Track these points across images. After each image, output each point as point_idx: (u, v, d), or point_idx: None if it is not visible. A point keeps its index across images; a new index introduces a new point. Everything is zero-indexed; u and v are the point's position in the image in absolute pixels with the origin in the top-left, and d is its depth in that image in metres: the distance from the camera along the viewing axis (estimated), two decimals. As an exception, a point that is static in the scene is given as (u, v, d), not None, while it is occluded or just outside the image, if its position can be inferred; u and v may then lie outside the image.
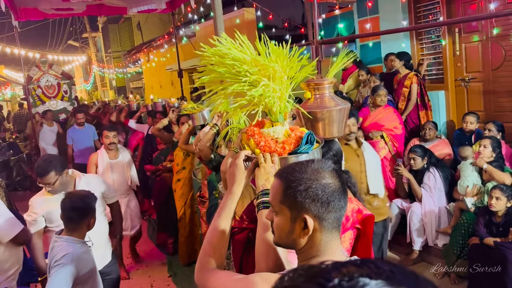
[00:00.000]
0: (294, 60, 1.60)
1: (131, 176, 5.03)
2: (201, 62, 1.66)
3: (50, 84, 12.03)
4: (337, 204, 1.19)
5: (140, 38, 20.41)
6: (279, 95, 1.57)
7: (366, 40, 6.70)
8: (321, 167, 1.22)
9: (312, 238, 1.21)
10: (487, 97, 5.45)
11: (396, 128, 5.08)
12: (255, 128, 1.61)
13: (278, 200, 1.24)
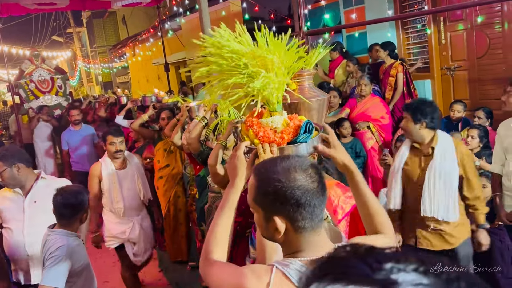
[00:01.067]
0: (292, 51, 1.60)
1: (142, 189, 4.13)
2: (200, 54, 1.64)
3: (43, 78, 11.41)
4: (311, 203, 1.15)
5: (126, 32, 20.22)
6: (277, 86, 1.56)
7: (352, 31, 6.71)
8: (292, 166, 1.18)
9: (288, 237, 1.19)
10: (472, 85, 5.50)
11: (383, 118, 5.10)
12: (254, 119, 1.60)
13: (252, 198, 1.22)
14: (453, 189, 2.96)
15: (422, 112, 2.94)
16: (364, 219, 1.49)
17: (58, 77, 11.55)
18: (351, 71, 6.09)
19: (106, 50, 22.23)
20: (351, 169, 1.45)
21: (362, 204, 1.46)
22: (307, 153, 1.52)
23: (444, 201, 2.99)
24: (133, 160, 4.18)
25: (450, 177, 2.95)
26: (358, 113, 5.14)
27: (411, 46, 6.29)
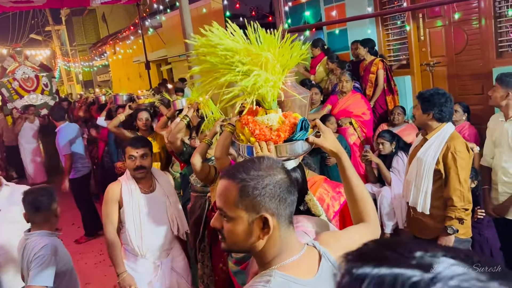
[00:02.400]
0: (286, 47, 1.58)
1: (177, 220, 3.10)
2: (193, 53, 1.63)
3: (27, 76, 10.67)
4: (292, 198, 1.18)
5: (106, 30, 19.96)
6: (272, 84, 1.54)
7: (332, 28, 6.73)
8: (273, 163, 1.19)
9: (271, 238, 1.17)
10: (451, 81, 5.57)
11: (364, 114, 5.14)
12: (249, 117, 1.59)
13: (232, 204, 1.16)
14: (425, 181, 3.01)
15: (431, 103, 2.96)
16: (351, 205, 1.51)
17: (43, 75, 10.91)
18: (331, 68, 6.12)
19: (86, 48, 21.93)
20: (339, 155, 1.48)
21: (349, 189, 1.49)
22: (302, 151, 1.53)
23: (413, 189, 3.08)
24: (163, 179, 3.15)
25: (424, 168, 3.00)
26: (340, 109, 5.17)
27: (391, 43, 6.34)
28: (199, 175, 2.93)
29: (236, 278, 1.88)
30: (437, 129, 3.01)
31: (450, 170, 2.91)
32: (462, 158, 2.89)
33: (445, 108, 2.95)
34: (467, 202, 2.91)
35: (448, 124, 3.01)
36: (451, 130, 3.00)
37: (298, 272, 1.17)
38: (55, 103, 10.03)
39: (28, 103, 10.02)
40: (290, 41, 1.59)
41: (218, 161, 2.42)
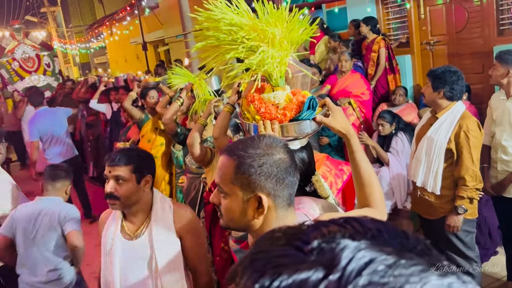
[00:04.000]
0: (294, 23, 1.52)
1: None
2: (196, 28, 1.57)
3: (27, 56, 9.80)
4: (291, 179, 1.15)
5: (102, 11, 19.67)
6: (279, 60, 1.49)
7: (332, 6, 6.64)
8: (273, 142, 1.16)
9: (267, 218, 1.16)
10: (452, 60, 5.51)
11: (364, 94, 5.10)
12: (255, 94, 1.54)
13: (228, 180, 1.16)
14: (436, 161, 2.97)
15: (442, 81, 2.90)
16: (357, 189, 1.47)
17: (44, 54, 10.07)
18: (333, 47, 6.05)
19: (83, 30, 21.67)
20: (348, 136, 1.43)
21: (357, 173, 1.45)
22: (311, 130, 1.47)
23: (423, 169, 3.04)
24: (165, 220, 2.01)
25: (434, 147, 2.96)
26: (338, 89, 5.13)
27: (391, 21, 6.26)
28: (195, 157, 2.91)
29: (237, 256, 1.89)
30: (448, 107, 2.96)
31: (463, 149, 2.87)
32: (475, 136, 2.86)
33: (456, 86, 2.90)
34: (479, 181, 2.90)
35: (458, 103, 2.97)
36: (462, 109, 2.96)
37: None
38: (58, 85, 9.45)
39: (30, 85, 9.21)
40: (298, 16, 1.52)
41: (216, 141, 2.40)
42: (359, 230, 0.46)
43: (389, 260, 0.41)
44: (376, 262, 0.41)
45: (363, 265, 0.41)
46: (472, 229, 3.06)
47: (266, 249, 0.47)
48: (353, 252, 0.42)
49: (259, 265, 0.45)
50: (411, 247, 0.44)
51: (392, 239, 0.45)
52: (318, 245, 0.44)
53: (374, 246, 0.43)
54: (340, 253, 0.42)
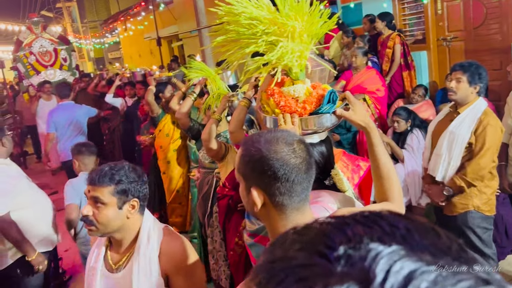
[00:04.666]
0: (314, 16, 1.51)
1: None
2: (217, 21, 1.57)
3: (45, 50, 9.30)
4: (290, 178, 1.10)
5: (117, 6, 19.78)
6: (298, 54, 1.48)
7: (347, 1, 6.58)
8: (276, 137, 1.13)
9: (268, 213, 1.15)
10: (469, 56, 5.44)
11: (379, 90, 5.06)
12: (275, 87, 1.53)
13: (236, 167, 1.19)
14: (456, 155, 2.96)
15: (480, 77, 2.90)
16: (375, 182, 1.46)
17: (62, 48, 9.60)
18: (346, 43, 6.01)
19: (97, 25, 21.82)
20: (368, 130, 1.42)
21: (376, 167, 1.44)
22: (331, 124, 1.46)
23: (443, 163, 3.02)
24: (140, 255, 1.70)
25: (456, 142, 2.95)
26: (353, 85, 5.09)
27: (407, 17, 6.19)
28: (209, 151, 2.91)
29: (251, 250, 1.89)
30: (471, 103, 2.95)
31: (479, 144, 2.88)
32: (492, 133, 2.86)
33: (486, 82, 2.93)
34: (479, 179, 2.90)
35: (480, 98, 2.96)
36: (484, 105, 2.95)
37: None
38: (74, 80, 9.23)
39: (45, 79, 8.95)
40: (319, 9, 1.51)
41: (232, 135, 2.40)
42: (387, 231, 0.41)
43: (430, 274, 0.36)
44: (417, 278, 0.36)
45: (403, 282, 0.35)
46: (490, 226, 3.04)
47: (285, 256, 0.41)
48: (388, 263, 0.37)
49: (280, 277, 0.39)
50: (445, 248, 0.40)
51: (424, 238, 0.40)
52: (345, 251, 0.39)
53: (409, 252, 0.38)
54: (373, 264, 0.37)
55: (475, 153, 2.90)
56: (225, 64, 1.57)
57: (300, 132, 1.45)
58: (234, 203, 2.64)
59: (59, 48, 9.51)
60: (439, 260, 0.38)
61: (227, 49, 1.54)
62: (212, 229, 3.40)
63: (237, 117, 2.36)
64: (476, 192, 2.98)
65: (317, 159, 1.57)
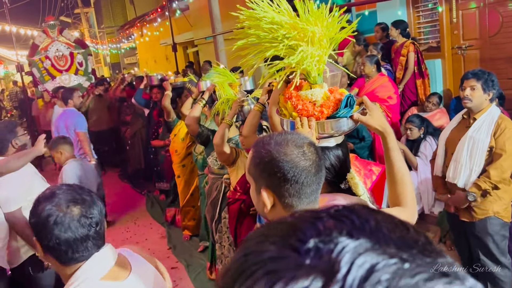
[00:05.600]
0: (334, 21, 1.53)
1: None
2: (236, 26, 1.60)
3: (61, 54, 8.93)
4: (299, 180, 1.12)
5: (133, 12, 20.04)
6: (317, 59, 1.50)
7: (362, 9, 6.60)
8: (286, 140, 1.15)
9: (278, 214, 1.16)
10: (484, 65, 5.41)
11: (391, 98, 5.05)
12: (293, 91, 1.55)
13: (247, 168, 1.22)
14: (478, 160, 2.97)
15: (493, 84, 2.95)
16: (389, 186, 1.48)
17: (78, 52, 9.21)
18: (358, 51, 6.03)
19: (114, 30, 22.11)
20: (385, 135, 1.44)
21: (390, 171, 1.45)
22: (348, 128, 1.48)
23: (465, 169, 3.03)
24: None
25: (477, 147, 2.96)
26: (366, 93, 5.09)
27: (421, 25, 6.19)
28: (221, 156, 2.94)
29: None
30: (485, 109, 2.99)
31: (499, 147, 2.90)
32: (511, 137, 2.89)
33: (498, 88, 2.99)
34: (503, 182, 2.90)
35: (494, 105, 3.02)
36: (499, 111, 3.00)
37: None
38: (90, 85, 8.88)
39: (60, 85, 8.57)
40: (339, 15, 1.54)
41: (245, 139, 2.43)
42: (357, 225, 0.42)
43: (392, 266, 0.37)
44: (379, 270, 0.37)
45: (365, 274, 0.36)
46: (507, 233, 3.06)
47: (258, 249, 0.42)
48: (352, 256, 0.38)
49: (251, 270, 0.40)
50: (411, 242, 0.41)
51: (392, 232, 0.41)
52: (315, 244, 0.39)
53: (375, 246, 0.39)
54: (338, 257, 0.38)
55: (496, 155, 2.91)
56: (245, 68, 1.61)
57: (316, 136, 1.47)
58: (247, 207, 2.66)
59: (75, 52, 9.22)
60: (404, 253, 0.39)
61: (246, 53, 1.57)
62: (220, 234, 3.43)
63: (250, 122, 2.39)
64: (496, 198, 2.97)
65: (333, 162, 1.59)
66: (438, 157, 3.37)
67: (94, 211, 1.33)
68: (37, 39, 8.96)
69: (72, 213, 1.29)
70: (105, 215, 1.45)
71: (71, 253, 1.29)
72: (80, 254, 1.30)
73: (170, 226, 5.52)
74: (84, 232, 1.29)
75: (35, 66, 8.77)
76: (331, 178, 1.61)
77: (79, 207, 1.30)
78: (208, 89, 3.58)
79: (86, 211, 1.31)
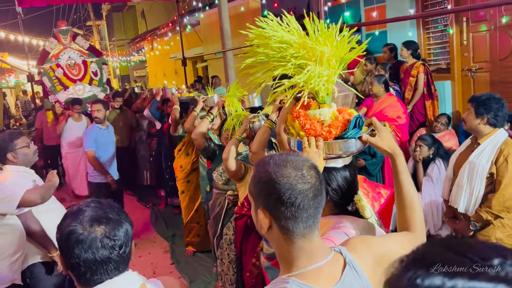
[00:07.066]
0: (344, 41, 1.52)
1: None
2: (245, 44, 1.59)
3: (73, 62, 8.24)
4: (295, 203, 1.09)
5: (144, 26, 20.34)
6: (326, 78, 1.49)
7: (372, 29, 6.63)
8: (286, 161, 1.14)
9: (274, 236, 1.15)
10: (494, 87, 5.39)
11: (400, 118, 5.03)
12: (301, 110, 1.53)
13: (248, 188, 1.21)
14: (477, 186, 2.93)
15: (486, 108, 2.89)
16: (398, 209, 1.45)
17: (92, 61, 8.52)
18: (369, 70, 6.03)
19: (125, 43, 22.40)
20: (395, 157, 1.42)
21: (399, 194, 1.43)
22: (356, 149, 1.46)
23: (465, 194, 3.00)
24: None
25: (477, 172, 2.93)
26: (374, 112, 5.08)
27: (431, 46, 6.20)
28: (229, 171, 2.93)
29: (267, 273, 1.87)
30: (490, 134, 2.95)
31: (501, 174, 2.85)
32: None
33: (500, 113, 2.90)
34: (505, 210, 2.86)
35: (501, 130, 2.95)
36: (504, 136, 2.93)
37: (318, 280, 1.12)
38: (105, 96, 8.25)
39: (74, 95, 7.96)
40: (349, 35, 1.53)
41: (254, 155, 2.42)
42: None
43: None
44: None
45: None
46: None
47: (440, 250, 0.47)
48: None
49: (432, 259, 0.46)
50: None
51: None
52: (500, 264, 0.45)
53: None
54: None
55: (498, 184, 2.86)
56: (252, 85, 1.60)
57: (324, 156, 1.44)
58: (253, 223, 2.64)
59: (88, 60, 8.48)
60: None
61: (255, 71, 1.56)
62: (221, 250, 3.40)
63: (260, 138, 2.39)
64: (499, 224, 2.92)
65: (340, 183, 1.57)
66: (446, 179, 3.35)
67: (119, 233, 1.27)
68: (47, 46, 8.34)
69: (95, 233, 1.24)
70: None
71: (89, 275, 1.24)
72: (99, 276, 1.24)
73: (174, 241, 5.47)
74: (105, 253, 1.23)
75: (46, 75, 8.12)
76: (337, 199, 1.58)
77: (103, 227, 1.25)
78: (217, 104, 3.59)
79: (109, 232, 1.25)
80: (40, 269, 3.07)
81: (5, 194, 2.66)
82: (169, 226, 5.99)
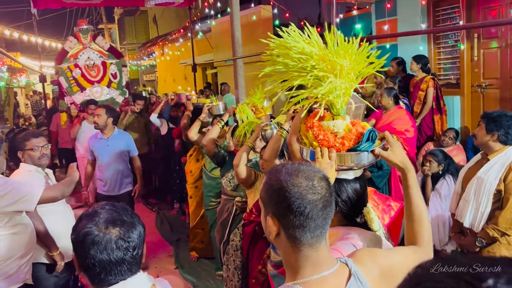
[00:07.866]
0: (363, 56, 1.55)
1: None
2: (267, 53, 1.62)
3: (92, 63, 7.82)
4: (304, 212, 1.11)
5: (156, 31, 20.51)
6: (344, 91, 1.51)
7: (383, 42, 6.66)
8: (297, 170, 1.16)
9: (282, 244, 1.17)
10: (503, 104, 5.39)
11: (408, 131, 5.03)
12: (315, 121, 1.55)
13: (259, 194, 1.23)
14: (484, 202, 2.93)
15: (497, 124, 2.91)
16: (407, 223, 1.46)
17: (112, 62, 8.08)
18: (379, 83, 6.05)
19: (136, 47, 22.58)
20: (406, 171, 1.44)
21: (408, 208, 1.44)
22: (368, 163, 1.47)
23: (471, 209, 3.00)
24: None
25: (484, 188, 2.93)
26: (383, 124, 5.09)
27: (442, 61, 6.21)
28: (240, 178, 2.95)
29: (274, 281, 1.89)
30: (500, 151, 2.95)
31: (507, 192, 2.84)
32: None
33: (511, 130, 2.90)
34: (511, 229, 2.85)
35: (511, 148, 2.95)
36: None
37: None
38: (124, 100, 7.96)
39: (90, 97, 7.58)
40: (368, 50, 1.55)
41: (266, 163, 2.45)
42: None
43: None
44: None
45: None
46: None
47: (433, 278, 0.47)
48: None
49: None
50: None
51: None
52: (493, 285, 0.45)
53: None
54: None
55: (505, 201, 2.86)
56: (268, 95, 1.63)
57: (336, 168, 1.46)
58: (261, 230, 2.66)
59: (108, 61, 8.05)
60: None
61: (272, 80, 1.59)
62: (227, 256, 3.41)
63: (272, 147, 2.42)
64: (505, 242, 2.92)
65: (350, 195, 1.59)
66: (454, 193, 3.35)
67: (133, 235, 1.31)
68: (66, 45, 7.97)
69: (110, 234, 1.27)
70: None
71: (104, 275, 1.27)
72: (113, 277, 1.28)
73: (178, 245, 5.49)
74: (120, 255, 1.27)
75: (63, 75, 7.70)
76: (347, 210, 1.59)
77: (118, 228, 1.29)
78: (228, 111, 3.62)
79: (124, 234, 1.29)
80: (40, 269, 3.10)
81: (24, 193, 2.70)
82: (174, 230, 6.02)
